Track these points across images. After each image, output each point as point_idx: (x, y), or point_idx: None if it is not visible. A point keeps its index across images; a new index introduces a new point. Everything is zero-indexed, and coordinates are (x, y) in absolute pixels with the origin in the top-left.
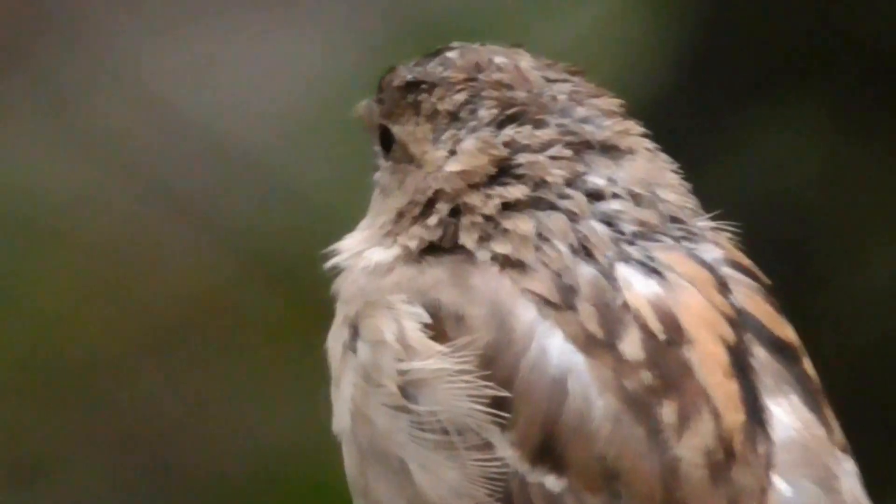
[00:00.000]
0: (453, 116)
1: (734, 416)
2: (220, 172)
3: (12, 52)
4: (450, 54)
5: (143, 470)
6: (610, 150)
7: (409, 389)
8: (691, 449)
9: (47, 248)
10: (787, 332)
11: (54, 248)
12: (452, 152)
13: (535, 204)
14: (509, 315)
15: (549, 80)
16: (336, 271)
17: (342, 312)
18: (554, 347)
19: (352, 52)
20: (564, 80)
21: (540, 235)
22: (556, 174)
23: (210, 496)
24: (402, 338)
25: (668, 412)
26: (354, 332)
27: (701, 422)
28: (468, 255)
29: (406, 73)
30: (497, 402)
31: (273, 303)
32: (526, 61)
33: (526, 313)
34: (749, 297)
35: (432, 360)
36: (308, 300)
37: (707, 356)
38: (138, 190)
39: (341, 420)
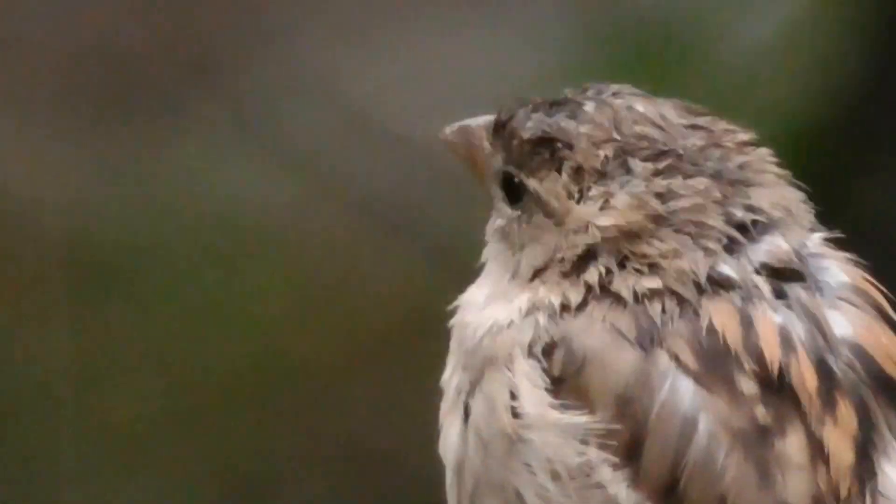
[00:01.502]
0: (600, 174)
1: (843, 459)
2: (424, 183)
3: (212, 66)
4: (586, 107)
5: (364, 485)
6: (747, 184)
7: (524, 437)
8: (798, 494)
9: (258, 260)
10: None
11: (265, 261)
12: (603, 208)
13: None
14: (647, 358)
15: (686, 127)
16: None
17: (459, 360)
18: (685, 387)
19: (556, 56)
20: (700, 127)
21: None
22: (713, 221)
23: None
24: (519, 397)
25: (778, 452)
26: (471, 386)
27: (810, 464)
28: (613, 300)
29: (537, 126)
30: (625, 445)
31: None
32: (665, 109)
33: (662, 355)
34: (866, 328)
35: (550, 415)
36: None
37: (813, 398)
38: (344, 202)
39: (450, 452)
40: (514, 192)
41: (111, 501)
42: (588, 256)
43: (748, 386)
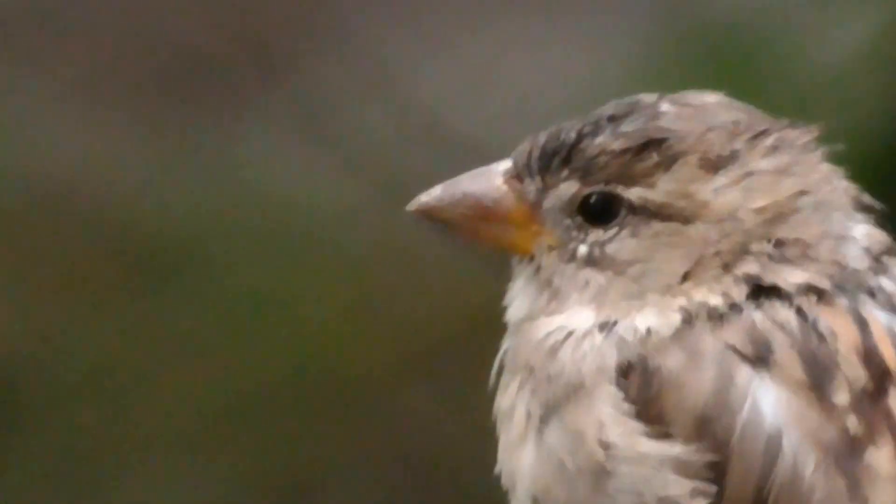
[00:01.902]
0: (722, 161)
1: None
2: None
3: (279, 62)
4: (662, 108)
5: (415, 491)
6: None
7: (610, 467)
8: None
9: (314, 260)
10: None
11: (321, 261)
12: (746, 192)
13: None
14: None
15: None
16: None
17: (527, 382)
18: (767, 403)
19: (623, 62)
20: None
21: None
22: (832, 194)
23: None
24: (606, 426)
25: (868, 464)
26: (546, 412)
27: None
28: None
29: (638, 133)
30: (708, 473)
31: None
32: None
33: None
34: None
35: (639, 447)
36: None
37: None
38: (398, 206)
39: (524, 482)
40: (599, 214)
41: (154, 497)
42: (742, 248)
43: (842, 396)
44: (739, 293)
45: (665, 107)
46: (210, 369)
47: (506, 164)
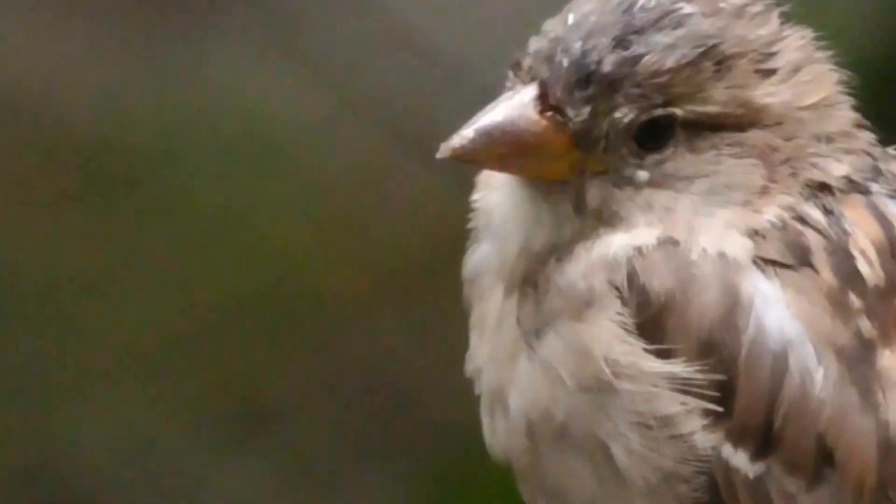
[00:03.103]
0: (771, 58)
1: None
2: (463, 106)
3: None
4: (685, 10)
5: (377, 421)
6: None
7: (613, 385)
8: None
9: (283, 176)
10: None
11: (290, 178)
12: (797, 90)
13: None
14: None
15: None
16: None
17: (527, 294)
18: (772, 319)
19: None
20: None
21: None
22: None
23: (449, 449)
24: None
25: (881, 368)
26: (545, 325)
27: None
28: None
29: (695, 41)
30: (714, 392)
31: None
32: None
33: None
34: None
35: (643, 364)
36: None
37: None
38: (375, 121)
39: (520, 398)
40: (654, 138)
41: (112, 416)
42: (804, 149)
43: (858, 298)
44: (807, 199)
45: (688, 8)
46: (171, 288)
47: (533, 92)
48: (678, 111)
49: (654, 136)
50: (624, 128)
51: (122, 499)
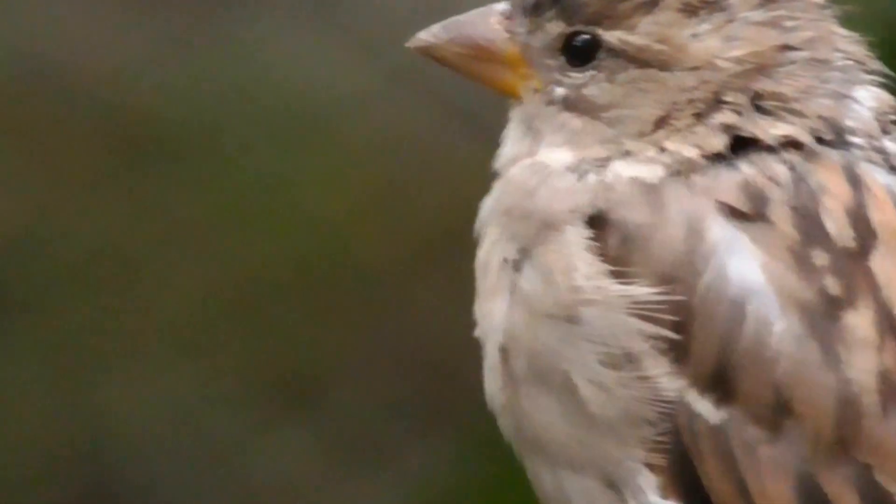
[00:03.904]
0: (708, 7)
1: None
2: None
3: None
4: None
5: (410, 399)
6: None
7: (577, 311)
8: (864, 371)
9: (323, 148)
10: None
11: (331, 149)
12: (727, 41)
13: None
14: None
15: None
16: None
17: (507, 228)
18: (737, 265)
19: None
20: None
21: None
22: (832, 54)
23: (482, 431)
24: (577, 268)
25: (844, 326)
26: (522, 256)
27: (877, 339)
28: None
29: None
30: (671, 328)
31: None
32: None
33: (718, 228)
34: None
35: (606, 288)
36: None
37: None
38: (417, 91)
39: (495, 331)
40: (581, 55)
41: (146, 390)
42: (716, 98)
43: (824, 256)
44: (719, 143)
45: None
46: (212, 259)
47: (503, 5)
48: (602, 33)
49: (582, 56)
50: (551, 41)
51: (167, 470)
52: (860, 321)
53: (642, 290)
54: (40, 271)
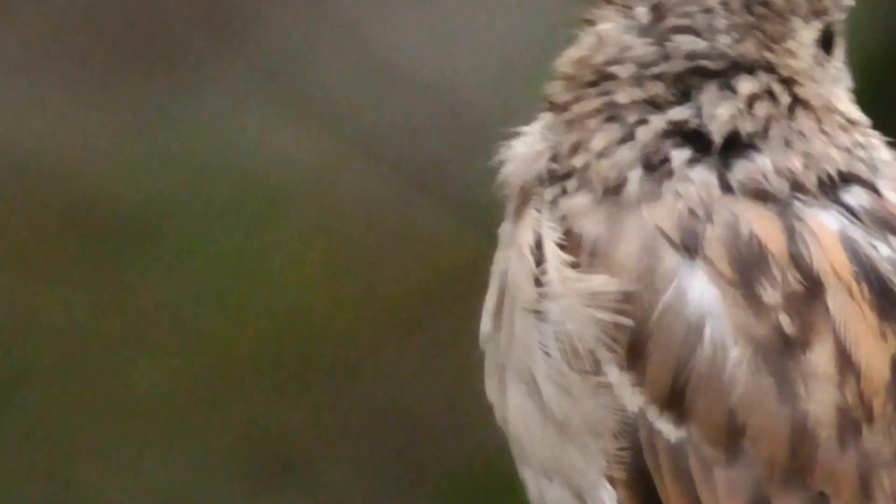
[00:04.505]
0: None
1: (878, 375)
2: (456, 141)
3: (235, 17)
4: None
5: (392, 463)
6: None
7: (544, 301)
8: (822, 405)
9: (284, 218)
10: None
11: (291, 219)
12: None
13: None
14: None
15: None
16: None
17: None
18: (694, 289)
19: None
20: None
21: None
22: None
23: (463, 491)
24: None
25: (803, 363)
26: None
27: (836, 376)
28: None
29: None
30: (628, 341)
31: None
32: None
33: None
34: None
35: (571, 281)
36: None
37: (851, 309)
38: (371, 161)
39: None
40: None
41: (129, 476)
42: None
43: (773, 295)
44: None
45: None
46: (183, 339)
47: None
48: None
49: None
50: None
51: None
52: (819, 358)
53: (604, 285)
54: (12, 364)
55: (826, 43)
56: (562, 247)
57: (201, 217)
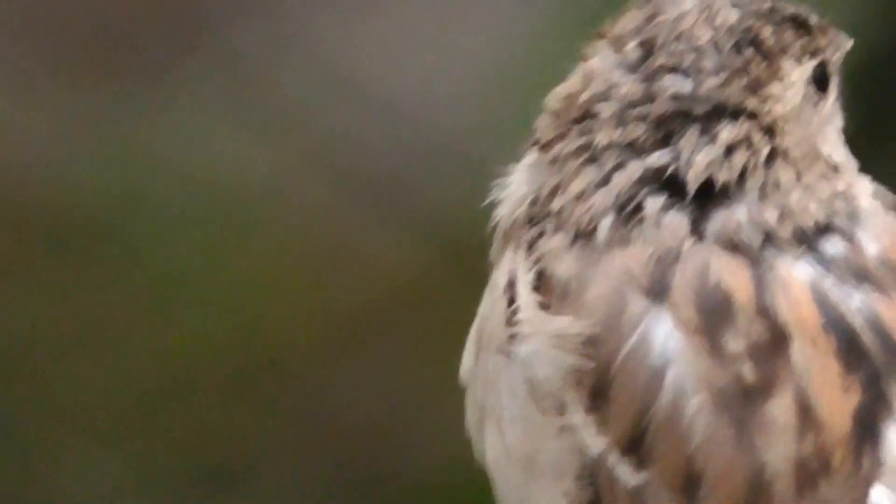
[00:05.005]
0: None
1: (838, 427)
2: (413, 157)
3: (197, 29)
4: None
5: (337, 473)
6: None
7: (514, 342)
8: (780, 456)
9: (237, 231)
10: None
11: (244, 232)
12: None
13: None
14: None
15: None
16: None
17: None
18: (659, 335)
19: (550, 18)
20: None
21: None
22: None
23: (406, 502)
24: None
25: (762, 413)
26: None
27: (796, 427)
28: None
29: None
30: (592, 384)
31: (473, 294)
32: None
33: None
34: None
35: (540, 321)
36: None
37: (815, 360)
38: (327, 176)
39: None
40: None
41: (70, 488)
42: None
43: (737, 344)
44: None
45: None
46: (127, 351)
47: None
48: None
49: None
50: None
51: None
52: (778, 409)
53: (570, 326)
54: None
55: (821, 80)
56: (535, 288)
57: (152, 224)
